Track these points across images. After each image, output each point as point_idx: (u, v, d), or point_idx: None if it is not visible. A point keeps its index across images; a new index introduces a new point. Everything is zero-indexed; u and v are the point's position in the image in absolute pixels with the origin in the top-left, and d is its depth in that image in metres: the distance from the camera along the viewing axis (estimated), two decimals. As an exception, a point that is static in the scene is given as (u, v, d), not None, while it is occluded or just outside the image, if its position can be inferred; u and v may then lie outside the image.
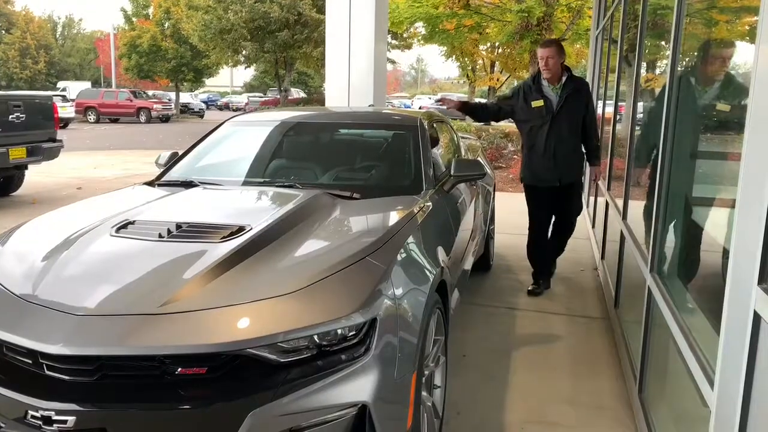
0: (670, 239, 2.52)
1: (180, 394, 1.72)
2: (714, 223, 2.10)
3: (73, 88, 33.71)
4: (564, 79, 4.11)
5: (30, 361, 1.81)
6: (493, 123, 6.16)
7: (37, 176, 9.20)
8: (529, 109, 4.14)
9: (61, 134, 8.62)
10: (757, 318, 1.30)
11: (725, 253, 1.50)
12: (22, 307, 1.90)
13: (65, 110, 21.57)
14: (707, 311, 1.92)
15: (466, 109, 4.59)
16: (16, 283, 2.03)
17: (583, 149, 4.39)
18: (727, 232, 1.59)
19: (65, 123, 21.70)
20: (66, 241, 2.29)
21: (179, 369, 1.75)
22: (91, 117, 27.83)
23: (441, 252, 2.62)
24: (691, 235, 2.33)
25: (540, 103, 4.09)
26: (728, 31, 2.39)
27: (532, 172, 4.25)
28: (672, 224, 2.48)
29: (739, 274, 1.40)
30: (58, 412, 1.69)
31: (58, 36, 55.34)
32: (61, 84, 38.61)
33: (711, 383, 1.57)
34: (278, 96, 27.16)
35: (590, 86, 4.15)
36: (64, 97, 25.03)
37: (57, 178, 9.88)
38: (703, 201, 2.32)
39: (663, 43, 3.26)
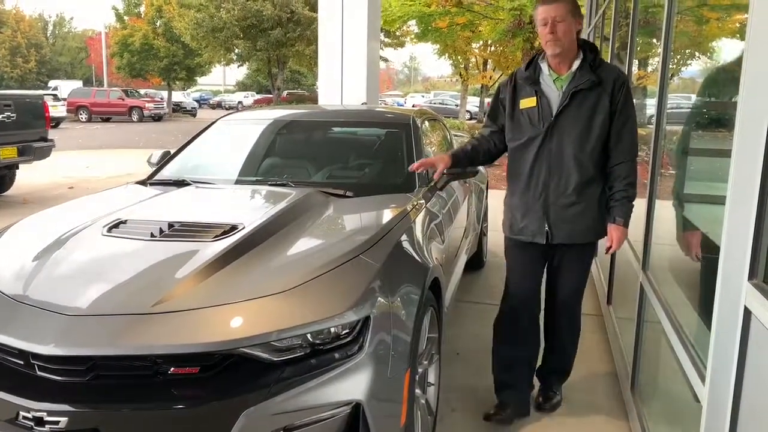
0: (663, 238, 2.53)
1: (173, 394, 1.72)
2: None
3: (65, 87, 33.50)
4: (577, 63, 2.43)
5: (21, 362, 1.80)
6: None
7: (28, 176, 9.13)
8: (514, 114, 2.54)
9: (52, 133, 8.58)
10: (747, 313, 1.31)
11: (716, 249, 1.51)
12: (13, 308, 1.89)
13: (56, 109, 21.41)
14: (698, 307, 1.93)
15: (457, 161, 2.69)
16: (7, 283, 2.02)
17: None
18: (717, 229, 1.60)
19: (56, 122, 21.55)
20: (57, 241, 2.27)
21: (172, 368, 1.75)
22: (83, 116, 27.67)
23: (434, 250, 2.62)
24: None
25: (531, 102, 2.47)
26: (718, 29, 2.40)
27: (512, 216, 2.62)
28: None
29: (729, 269, 1.41)
30: (50, 413, 1.68)
31: (49, 35, 55.02)
32: (52, 83, 38.40)
33: (702, 378, 1.58)
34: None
35: (627, 77, 2.52)
36: (55, 96, 24.83)
37: (48, 177, 9.81)
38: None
39: (654, 40, 3.27)
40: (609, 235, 2.49)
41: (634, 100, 3.76)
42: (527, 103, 2.49)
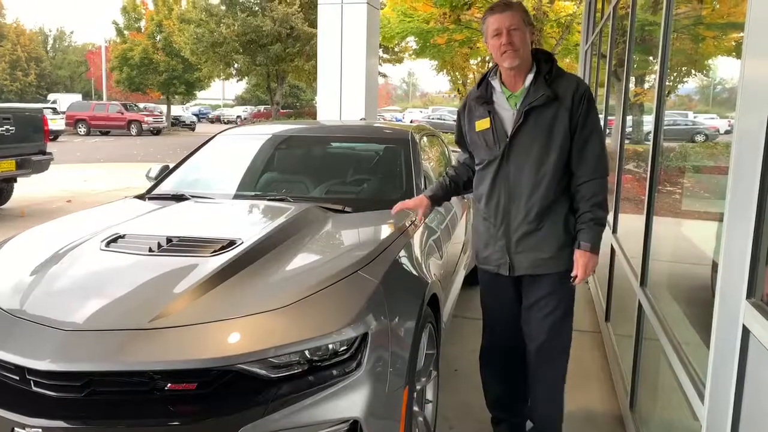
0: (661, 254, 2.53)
1: (170, 410, 1.70)
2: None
3: (64, 100, 33.56)
4: (530, 77, 2.22)
5: (17, 377, 1.79)
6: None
7: (26, 189, 9.13)
8: (472, 138, 2.38)
9: (51, 147, 8.58)
10: (745, 332, 1.30)
11: (714, 266, 1.51)
12: (9, 322, 1.88)
13: (55, 123, 21.46)
14: (697, 325, 1.93)
15: (437, 201, 2.61)
16: (4, 298, 2.01)
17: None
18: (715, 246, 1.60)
19: (55, 135, 21.61)
20: (55, 255, 2.27)
21: (169, 384, 1.74)
22: (82, 130, 27.72)
23: (433, 265, 2.62)
24: None
25: (485, 123, 2.29)
26: (715, 47, 2.43)
27: (476, 243, 2.45)
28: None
29: (727, 288, 1.41)
30: (46, 429, 1.66)
31: (49, 48, 55.23)
32: (51, 96, 38.43)
33: (701, 397, 1.57)
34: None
35: (588, 87, 2.27)
36: (54, 109, 24.86)
37: (46, 191, 9.81)
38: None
39: (651, 58, 3.30)
40: (575, 261, 2.22)
41: (632, 117, 3.80)
42: (481, 125, 2.29)
